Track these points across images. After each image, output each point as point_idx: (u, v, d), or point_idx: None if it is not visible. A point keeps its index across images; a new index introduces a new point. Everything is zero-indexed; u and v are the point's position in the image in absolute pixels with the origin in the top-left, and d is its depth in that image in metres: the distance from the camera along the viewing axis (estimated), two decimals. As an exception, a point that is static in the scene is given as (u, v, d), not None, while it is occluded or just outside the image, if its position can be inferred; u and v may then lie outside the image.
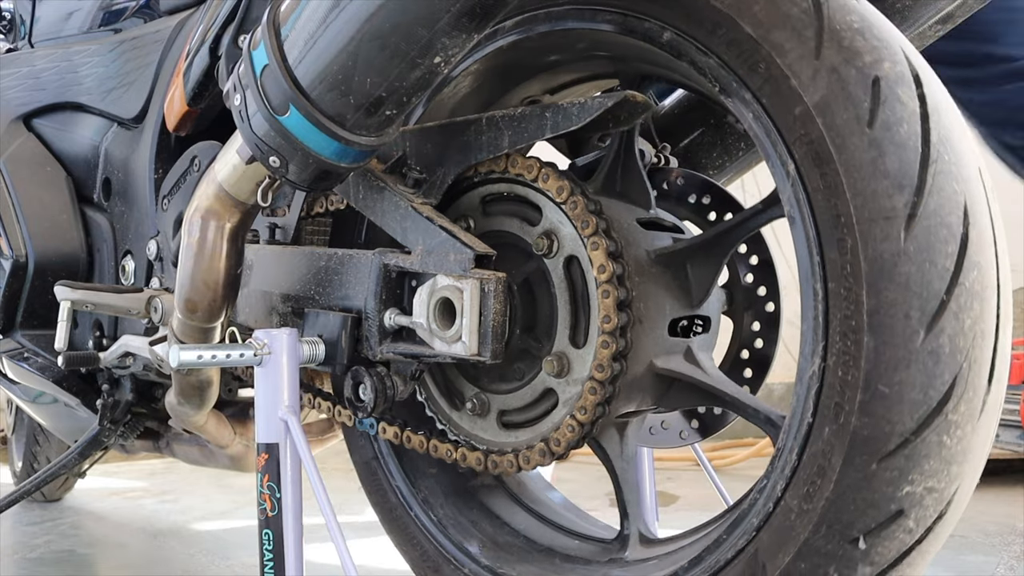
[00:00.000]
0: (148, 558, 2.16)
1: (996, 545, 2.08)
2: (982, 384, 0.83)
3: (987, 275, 0.83)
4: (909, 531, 0.84)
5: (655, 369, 1.08)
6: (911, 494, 0.83)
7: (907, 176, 0.81)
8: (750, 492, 0.97)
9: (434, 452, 1.19)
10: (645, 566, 1.09)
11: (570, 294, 1.09)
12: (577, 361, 1.07)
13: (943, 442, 0.82)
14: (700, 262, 1.10)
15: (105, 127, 1.75)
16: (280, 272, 1.29)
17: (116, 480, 3.21)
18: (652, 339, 1.07)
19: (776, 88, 0.88)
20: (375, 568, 1.82)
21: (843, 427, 0.83)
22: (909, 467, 0.82)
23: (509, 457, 1.13)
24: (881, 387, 0.81)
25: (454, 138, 1.13)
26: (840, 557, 0.85)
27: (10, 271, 1.73)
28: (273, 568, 1.10)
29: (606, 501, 2.74)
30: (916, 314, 0.80)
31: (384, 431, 1.23)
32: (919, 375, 0.80)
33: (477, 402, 1.17)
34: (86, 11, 1.89)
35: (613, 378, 1.04)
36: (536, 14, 1.12)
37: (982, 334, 0.82)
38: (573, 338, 1.08)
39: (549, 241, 1.10)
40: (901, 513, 0.83)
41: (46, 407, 1.91)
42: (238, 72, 1.04)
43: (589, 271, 1.07)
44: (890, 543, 0.84)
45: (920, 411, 0.81)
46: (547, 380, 1.10)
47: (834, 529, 0.84)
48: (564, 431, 1.07)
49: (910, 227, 0.81)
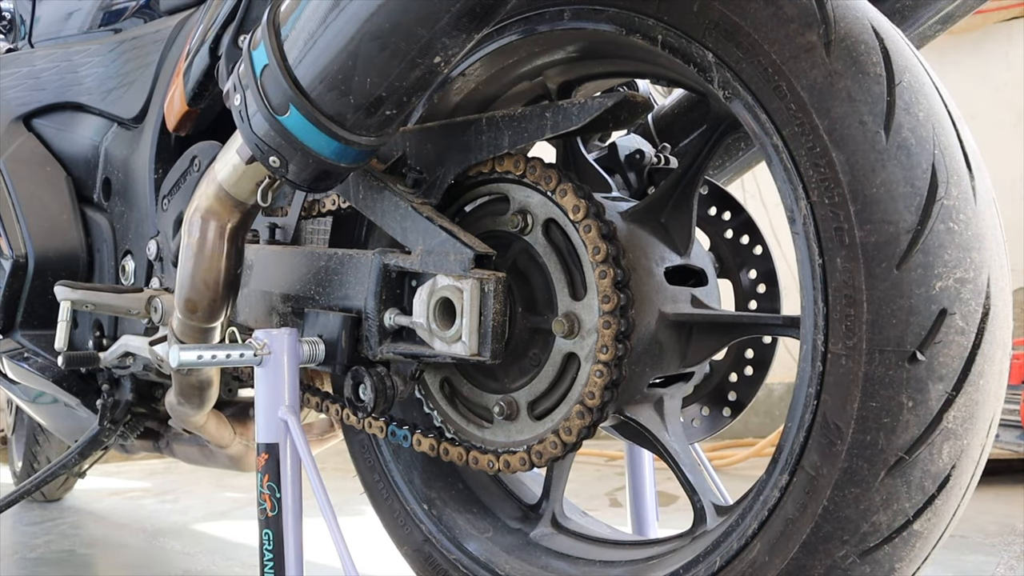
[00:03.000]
0: (148, 558, 2.16)
1: (996, 545, 2.08)
2: (962, 169, 0.84)
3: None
4: (962, 331, 0.83)
5: (667, 318, 1.08)
6: (944, 289, 0.82)
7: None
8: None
9: (474, 464, 1.17)
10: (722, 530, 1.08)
11: (557, 255, 1.09)
12: (584, 312, 1.06)
13: (951, 229, 0.82)
14: (672, 214, 1.14)
15: (105, 127, 1.75)
16: (280, 272, 1.29)
17: (116, 480, 3.22)
18: (651, 286, 1.08)
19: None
20: (375, 568, 1.82)
21: (850, 248, 0.84)
22: (929, 261, 0.81)
23: (552, 439, 1.09)
24: (867, 192, 0.83)
25: (454, 138, 1.13)
26: (906, 381, 0.83)
27: (10, 271, 1.73)
28: (273, 568, 1.10)
29: (606, 501, 2.74)
30: (869, 119, 0.83)
31: (419, 443, 1.21)
32: (897, 170, 0.82)
33: (504, 406, 1.15)
34: (86, 11, 1.90)
35: (622, 308, 1.03)
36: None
37: (940, 126, 0.84)
38: (573, 294, 1.08)
39: (523, 216, 1.11)
40: (944, 312, 0.82)
41: (46, 407, 1.91)
42: (238, 72, 1.04)
43: (567, 224, 1.08)
44: (948, 350, 0.83)
45: (914, 202, 0.82)
46: (563, 346, 1.09)
47: (887, 351, 0.83)
48: (594, 382, 1.05)
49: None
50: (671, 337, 1.10)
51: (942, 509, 0.86)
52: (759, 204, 3.31)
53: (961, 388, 0.83)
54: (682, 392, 1.21)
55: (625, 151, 1.32)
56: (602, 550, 1.21)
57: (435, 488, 1.32)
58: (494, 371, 1.17)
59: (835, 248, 0.85)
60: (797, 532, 0.89)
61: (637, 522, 1.53)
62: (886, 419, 0.83)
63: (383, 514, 1.35)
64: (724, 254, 1.32)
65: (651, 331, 1.08)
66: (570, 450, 1.09)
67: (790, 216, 0.90)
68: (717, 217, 1.33)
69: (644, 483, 1.54)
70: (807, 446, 0.88)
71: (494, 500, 1.33)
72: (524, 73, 1.23)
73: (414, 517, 1.29)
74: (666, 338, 1.09)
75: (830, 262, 0.86)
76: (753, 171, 1.53)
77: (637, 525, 1.53)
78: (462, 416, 1.21)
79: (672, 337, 1.10)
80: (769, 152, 0.90)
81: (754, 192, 2.51)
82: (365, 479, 1.37)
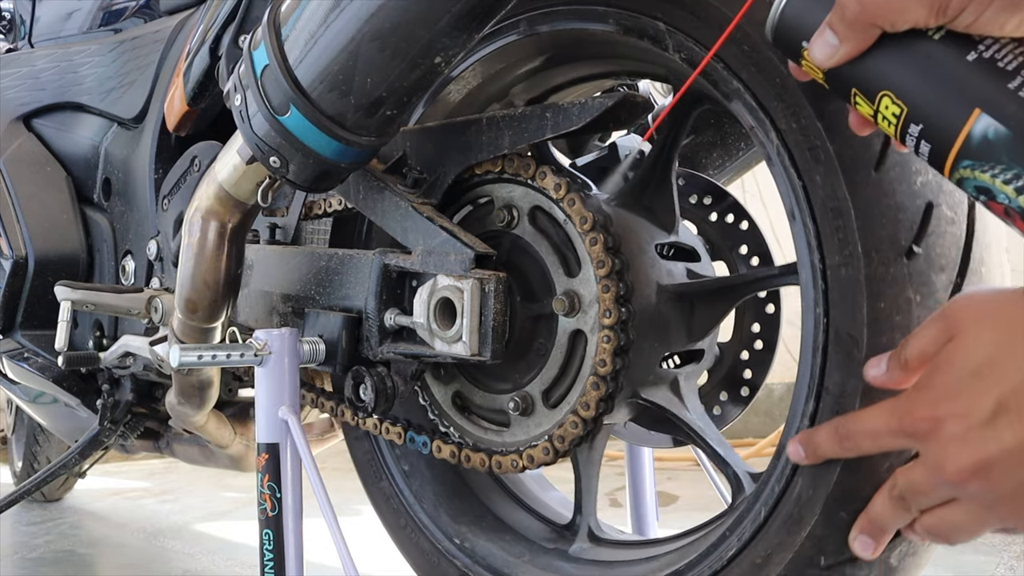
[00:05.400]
0: (148, 558, 2.16)
1: (996, 545, 2.08)
2: None
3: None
4: (952, 221, 0.84)
5: (666, 291, 1.08)
6: (926, 183, 0.83)
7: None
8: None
9: (498, 468, 1.15)
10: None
11: (548, 240, 1.10)
12: (582, 286, 1.06)
13: None
14: (655, 195, 1.15)
15: (105, 127, 1.75)
16: (280, 272, 1.29)
17: (116, 480, 3.22)
18: (645, 261, 1.08)
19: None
20: (375, 568, 1.82)
21: (827, 163, 0.86)
22: (906, 159, 0.84)
23: (571, 420, 1.08)
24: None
25: (454, 138, 1.13)
26: (909, 276, 0.84)
27: (10, 271, 1.73)
28: (273, 568, 1.10)
29: (606, 501, 2.75)
30: None
31: (439, 450, 1.20)
32: None
33: (519, 401, 1.13)
34: (86, 11, 1.90)
35: (618, 272, 1.03)
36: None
37: None
38: (568, 272, 1.08)
39: (508, 211, 1.12)
40: (931, 204, 0.84)
41: (46, 407, 1.91)
42: (238, 72, 1.04)
43: (552, 207, 1.09)
44: (943, 240, 0.84)
45: None
46: (567, 325, 1.08)
47: (882, 249, 0.84)
48: (603, 349, 1.03)
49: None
50: (673, 310, 1.10)
51: None
52: (760, 205, 3.30)
53: (965, 275, 0.84)
54: (696, 373, 1.20)
55: (625, 151, 1.32)
56: (642, 549, 1.19)
57: (463, 522, 1.30)
58: (503, 372, 1.16)
59: (813, 167, 0.87)
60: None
61: (637, 522, 1.53)
62: (897, 317, 0.84)
63: (412, 556, 1.33)
64: (713, 237, 1.32)
65: (652, 303, 1.08)
66: (590, 430, 1.07)
67: (767, 158, 0.92)
68: (699, 204, 1.34)
69: (644, 483, 1.54)
70: (826, 366, 0.88)
71: (526, 526, 1.31)
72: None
73: (447, 554, 1.27)
74: (668, 311, 1.09)
75: (810, 181, 0.87)
76: (753, 171, 1.53)
77: (637, 525, 1.53)
78: (478, 426, 1.20)
79: (674, 310, 1.10)
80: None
81: (754, 192, 2.52)
82: (389, 522, 1.35)
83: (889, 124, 0.73)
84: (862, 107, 0.75)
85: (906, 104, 0.71)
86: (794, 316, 1.03)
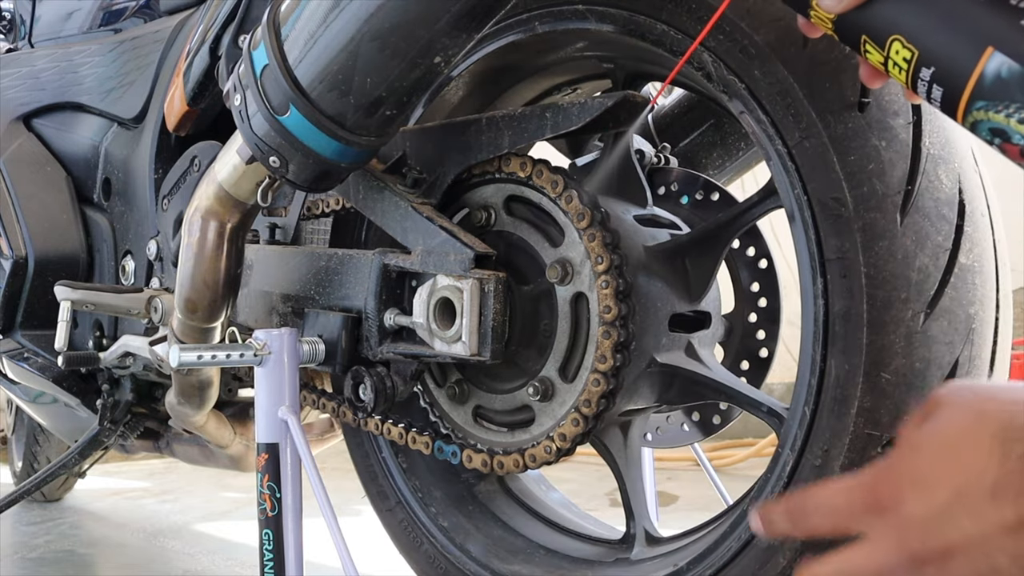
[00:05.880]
0: (148, 558, 2.16)
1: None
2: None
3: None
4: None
5: (653, 251, 1.10)
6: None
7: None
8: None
9: (532, 463, 1.13)
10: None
11: (527, 221, 1.12)
12: (569, 249, 1.07)
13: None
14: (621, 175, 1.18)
15: (105, 127, 1.75)
16: (280, 272, 1.29)
17: (116, 480, 3.21)
18: (625, 225, 1.10)
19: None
20: (375, 568, 1.82)
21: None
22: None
23: (591, 378, 1.06)
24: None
25: (454, 138, 1.13)
26: (868, 126, 0.87)
27: (10, 271, 1.73)
28: (273, 568, 1.10)
29: (606, 501, 2.75)
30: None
31: (470, 460, 1.17)
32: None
33: (538, 386, 1.11)
34: (86, 11, 1.90)
35: (600, 222, 1.04)
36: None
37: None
38: (553, 243, 1.09)
39: (485, 210, 1.14)
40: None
41: (46, 407, 1.91)
42: (238, 72, 1.04)
43: (522, 188, 1.11)
44: (888, 87, 0.88)
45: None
46: (565, 293, 1.08)
47: (834, 109, 0.87)
48: (604, 295, 1.03)
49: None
50: (665, 269, 1.10)
51: (974, 235, 0.88)
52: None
53: (920, 112, 0.88)
54: (708, 339, 1.18)
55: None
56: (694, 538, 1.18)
57: (516, 563, 1.26)
58: (517, 368, 1.14)
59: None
60: (854, 317, 0.88)
61: (637, 522, 1.52)
62: (871, 166, 0.87)
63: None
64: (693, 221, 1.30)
65: (642, 260, 1.08)
66: (612, 386, 1.05)
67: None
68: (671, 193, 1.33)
69: (644, 483, 1.53)
70: (820, 234, 0.90)
71: (581, 549, 1.28)
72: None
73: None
74: (661, 269, 1.09)
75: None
76: (753, 171, 1.53)
77: (637, 525, 1.52)
78: (503, 434, 1.18)
79: (667, 269, 1.10)
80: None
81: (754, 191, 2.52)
82: (424, 571, 1.32)
83: (900, 71, 0.70)
84: (872, 55, 0.72)
85: (917, 47, 0.69)
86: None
